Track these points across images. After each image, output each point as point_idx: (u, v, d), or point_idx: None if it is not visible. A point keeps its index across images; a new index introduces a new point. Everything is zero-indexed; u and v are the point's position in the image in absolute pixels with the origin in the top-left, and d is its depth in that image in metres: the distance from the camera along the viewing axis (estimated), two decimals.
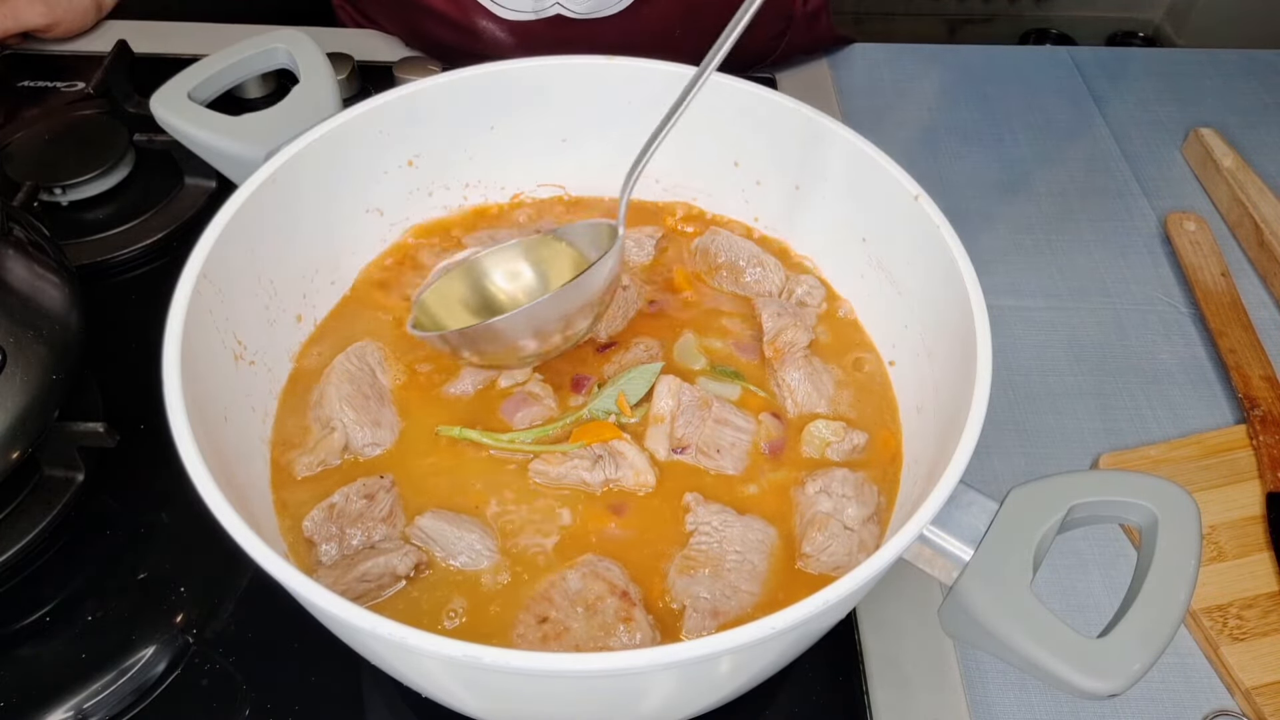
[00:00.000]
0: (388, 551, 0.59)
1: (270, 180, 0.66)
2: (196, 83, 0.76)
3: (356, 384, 0.67)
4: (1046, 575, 0.77)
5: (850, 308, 0.76)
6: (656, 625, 0.58)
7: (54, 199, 0.94)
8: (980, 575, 0.52)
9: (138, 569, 0.71)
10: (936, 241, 0.64)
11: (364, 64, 1.08)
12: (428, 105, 0.74)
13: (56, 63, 1.11)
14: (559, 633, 0.57)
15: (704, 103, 0.76)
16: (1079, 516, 0.54)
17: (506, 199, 0.82)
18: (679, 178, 0.82)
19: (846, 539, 0.61)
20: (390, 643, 0.45)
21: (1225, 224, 1.06)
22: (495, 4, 1.02)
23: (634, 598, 0.58)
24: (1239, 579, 0.76)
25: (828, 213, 0.75)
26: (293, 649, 0.67)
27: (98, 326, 0.74)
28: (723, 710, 0.58)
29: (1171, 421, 0.89)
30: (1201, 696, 0.72)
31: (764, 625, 0.45)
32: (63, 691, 0.64)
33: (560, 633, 0.57)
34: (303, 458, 0.65)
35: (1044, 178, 1.11)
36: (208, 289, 0.60)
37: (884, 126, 1.16)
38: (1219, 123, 1.15)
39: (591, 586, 0.58)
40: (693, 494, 0.64)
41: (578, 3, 1.01)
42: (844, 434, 0.67)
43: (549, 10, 1.02)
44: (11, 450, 0.65)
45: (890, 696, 0.67)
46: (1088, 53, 1.28)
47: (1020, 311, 0.98)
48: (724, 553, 0.60)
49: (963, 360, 0.59)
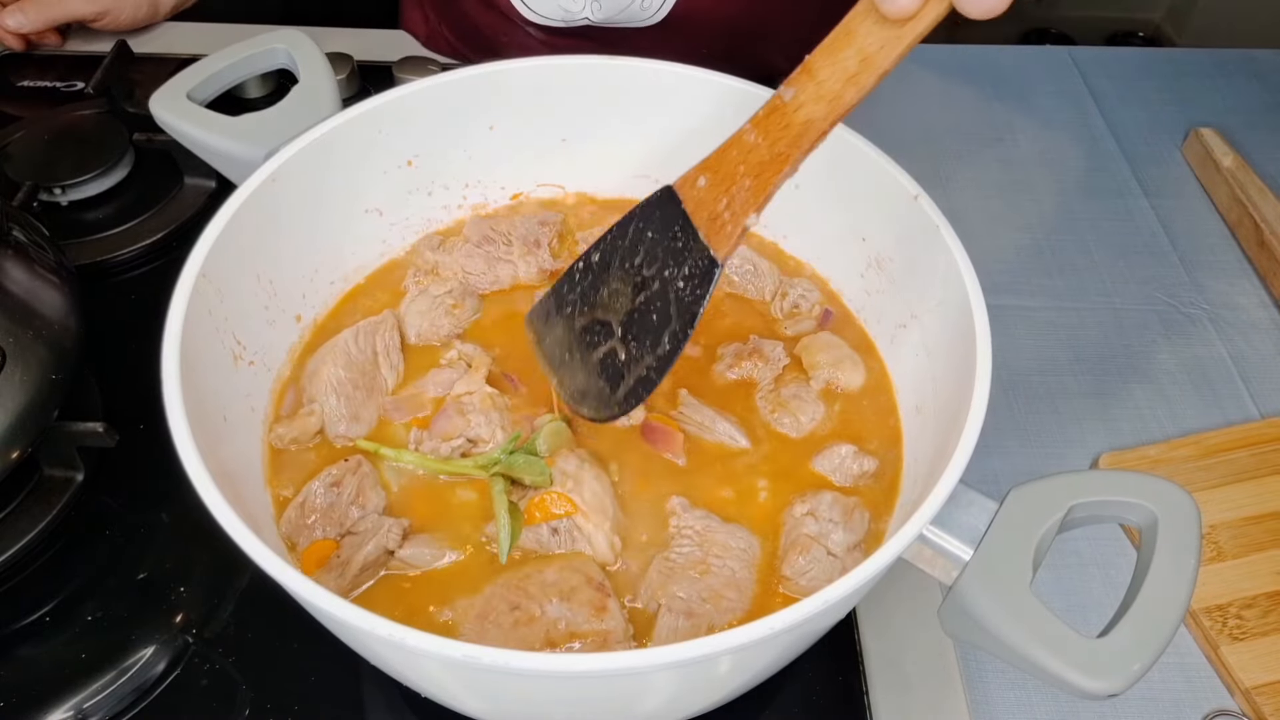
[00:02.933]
0: (373, 533, 0.59)
1: (270, 180, 0.66)
2: (196, 83, 0.76)
3: (351, 370, 0.67)
4: (1046, 575, 0.77)
5: (850, 308, 0.76)
6: (631, 619, 0.58)
7: (54, 199, 0.94)
8: (980, 575, 0.52)
9: (138, 569, 0.71)
10: (936, 241, 0.64)
11: (364, 64, 1.08)
12: (427, 105, 0.74)
13: (56, 63, 1.11)
14: (530, 619, 0.56)
15: (704, 103, 0.76)
16: (1079, 516, 0.54)
17: (506, 199, 0.82)
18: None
19: (829, 565, 0.60)
20: (390, 643, 0.45)
21: (1225, 224, 1.06)
22: (525, 6, 1.03)
23: (609, 590, 0.58)
24: (1239, 579, 0.76)
25: (828, 212, 0.75)
26: (293, 649, 0.67)
27: (98, 326, 0.74)
28: (723, 710, 0.58)
29: (1171, 421, 0.89)
30: (1201, 696, 0.72)
31: (764, 625, 0.45)
32: (63, 691, 0.64)
33: (530, 619, 0.56)
34: (279, 428, 0.65)
35: (1044, 178, 1.11)
36: (207, 289, 0.60)
37: (884, 126, 1.15)
38: (1219, 123, 1.15)
39: (568, 578, 0.58)
40: (678, 498, 0.63)
41: (598, 11, 1.01)
42: (855, 459, 0.65)
43: (578, 18, 1.02)
44: (11, 450, 0.65)
45: (890, 696, 0.67)
46: (1088, 53, 1.28)
47: (1020, 311, 0.98)
48: (705, 557, 0.60)
49: (963, 360, 0.59)
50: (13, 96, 1.07)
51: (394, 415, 0.68)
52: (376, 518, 0.61)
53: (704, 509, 0.63)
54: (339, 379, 0.66)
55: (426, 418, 0.67)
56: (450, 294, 0.73)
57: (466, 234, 0.78)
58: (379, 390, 0.68)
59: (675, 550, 0.61)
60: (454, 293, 0.73)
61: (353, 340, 0.68)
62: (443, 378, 0.69)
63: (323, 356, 0.68)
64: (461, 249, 0.76)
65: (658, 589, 0.59)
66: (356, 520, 0.61)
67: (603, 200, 0.83)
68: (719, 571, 0.60)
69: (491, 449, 0.64)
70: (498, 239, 0.77)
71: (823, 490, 0.64)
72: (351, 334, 0.69)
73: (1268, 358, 0.93)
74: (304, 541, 0.60)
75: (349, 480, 0.62)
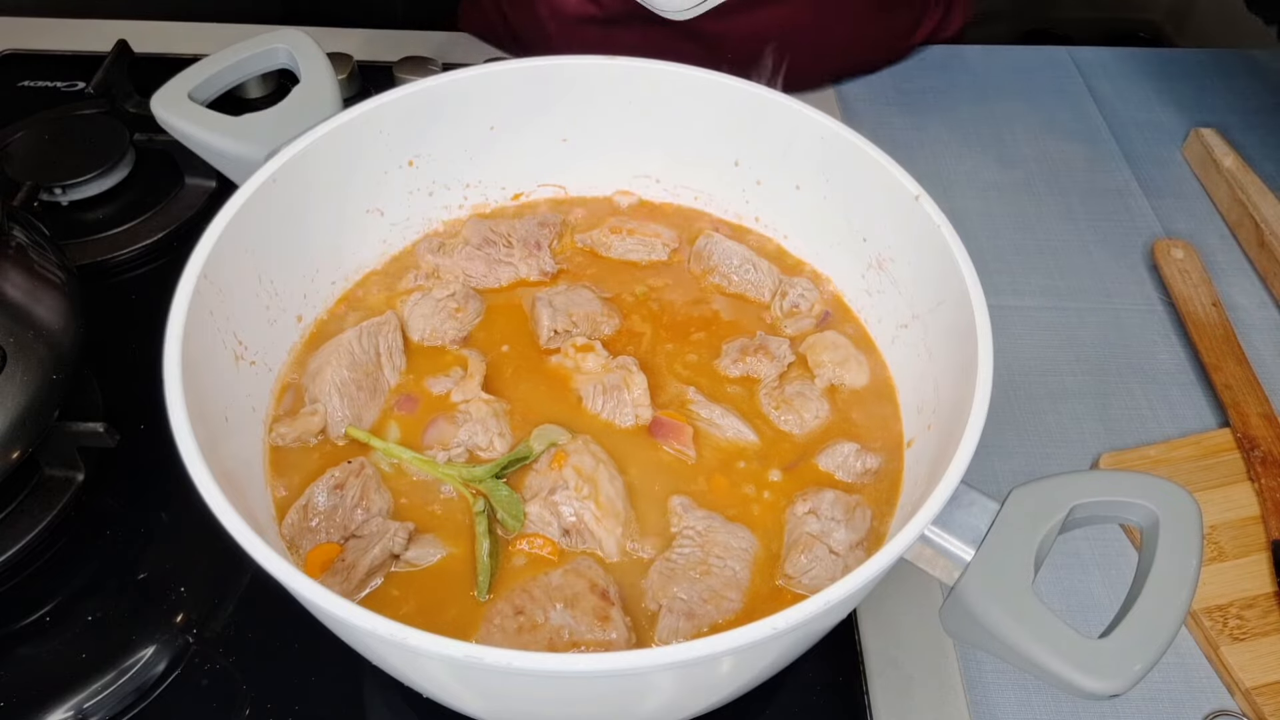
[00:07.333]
0: (378, 537, 0.59)
1: (271, 180, 0.66)
2: (197, 83, 0.76)
3: (355, 370, 0.67)
4: (1047, 575, 0.77)
5: (851, 308, 0.76)
6: (633, 626, 0.58)
7: (54, 199, 0.94)
8: (981, 575, 0.52)
9: (138, 569, 0.71)
10: (936, 241, 0.64)
11: (364, 64, 1.08)
12: (428, 105, 0.74)
13: (56, 63, 1.11)
14: (533, 625, 0.56)
15: (704, 103, 0.76)
16: (1080, 517, 0.54)
17: (506, 199, 0.82)
18: (679, 178, 0.82)
19: (831, 564, 0.60)
20: (390, 643, 0.45)
21: (1225, 224, 1.06)
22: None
23: (613, 597, 0.58)
24: (1239, 579, 0.76)
25: (828, 212, 0.75)
26: (293, 649, 0.67)
27: (98, 326, 0.74)
28: (723, 710, 0.58)
29: (1171, 421, 0.89)
30: (1201, 696, 0.72)
31: (764, 625, 0.45)
32: (63, 691, 0.64)
33: (534, 625, 0.56)
34: (281, 427, 0.65)
35: (1044, 178, 1.11)
36: (208, 289, 0.60)
37: (884, 126, 1.16)
38: (1219, 123, 1.15)
39: (572, 583, 0.58)
40: (679, 499, 0.63)
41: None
42: (858, 456, 0.65)
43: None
44: (11, 450, 0.65)
45: (890, 696, 0.67)
46: (1088, 53, 1.28)
47: (1020, 311, 0.98)
48: (706, 558, 0.60)
49: (963, 360, 0.59)
50: (13, 96, 1.07)
51: (395, 411, 0.68)
52: (381, 521, 0.61)
53: (705, 509, 0.63)
54: (342, 379, 0.66)
55: (419, 415, 0.67)
56: (453, 297, 0.73)
57: (466, 236, 0.78)
58: (381, 390, 0.68)
59: (676, 551, 0.61)
60: (456, 296, 0.73)
61: (356, 340, 0.68)
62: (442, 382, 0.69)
63: (325, 356, 0.68)
64: (462, 251, 0.76)
65: (658, 590, 0.59)
66: (361, 523, 0.61)
67: (603, 200, 0.83)
68: (720, 572, 0.60)
69: (490, 456, 0.65)
70: (498, 241, 0.77)
71: (825, 489, 0.64)
72: (355, 334, 0.69)
73: (1268, 358, 0.93)
74: (307, 544, 0.60)
75: (352, 483, 0.62)
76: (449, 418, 0.67)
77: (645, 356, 0.72)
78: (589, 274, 0.78)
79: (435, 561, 0.60)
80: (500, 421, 0.66)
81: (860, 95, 1.19)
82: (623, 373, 0.69)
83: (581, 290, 0.75)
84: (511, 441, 0.66)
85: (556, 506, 0.61)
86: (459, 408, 0.67)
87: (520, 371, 0.71)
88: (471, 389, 0.68)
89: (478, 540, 0.60)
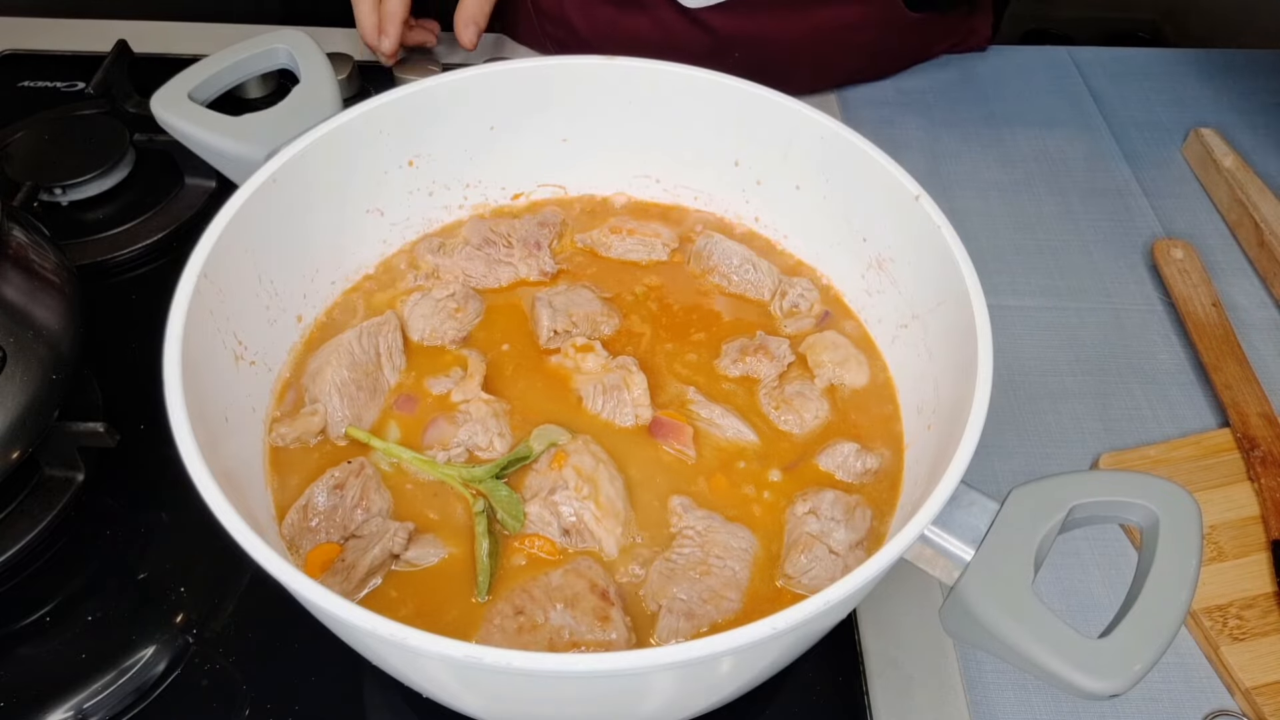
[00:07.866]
0: (378, 537, 0.59)
1: (271, 180, 0.66)
2: (197, 83, 0.76)
3: (355, 370, 0.67)
4: (1047, 575, 0.77)
5: (850, 308, 0.76)
6: (633, 627, 0.58)
7: (54, 199, 0.94)
8: (981, 575, 0.52)
9: (138, 569, 0.71)
10: (936, 241, 0.64)
11: (364, 64, 1.08)
12: (428, 105, 0.74)
13: (56, 63, 1.11)
14: (533, 625, 0.56)
15: (704, 103, 0.76)
16: (1080, 517, 0.54)
17: (506, 199, 0.82)
18: (679, 178, 0.82)
19: (831, 564, 0.60)
20: (390, 643, 0.45)
21: (1225, 224, 1.06)
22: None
23: (613, 598, 0.58)
24: (1239, 579, 0.76)
25: (828, 212, 0.75)
26: (293, 649, 0.67)
27: (98, 326, 0.74)
28: (723, 710, 0.58)
29: (1171, 421, 0.89)
30: (1201, 696, 0.72)
31: (764, 625, 0.45)
32: (63, 691, 0.64)
33: (534, 626, 0.56)
34: (281, 427, 0.65)
35: (1044, 177, 1.11)
36: (208, 289, 0.60)
37: (884, 126, 1.16)
38: (1219, 123, 1.15)
39: (572, 583, 0.58)
40: (679, 499, 0.63)
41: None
42: (858, 456, 0.65)
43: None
44: (11, 450, 0.65)
45: (890, 696, 0.67)
46: (1088, 53, 1.28)
47: (1020, 311, 0.98)
48: (705, 558, 0.60)
49: (963, 360, 0.59)
50: (13, 96, 1.07)
51: (395, 411, 0.68)
52: (381, 521, 0.61)
53: (705, 509, 0.63)
54: (342, 379, 0.66)
55: (419, 415, 0.67)
56: (452, 298, 0.73)
57: (466, 236, 0.78)
58: (381, 391, 0.68)
59: (676, 551, 0.61)
60: (456, 296, 0.73)
61: (356, 341, 0.68)
62: (442, 382, 0.69)
63: (325, 357, 0.68)
64: (462, 252, 0.76)
65: (658, 590, 0.59)
66: (361, 524, 0.61)
67: (603, 200, 0.83)
68: (719, 572, 0.60)
69: (490, 456, 0.65)
70: (498, 241, 0.77)
71: (825, 489, 0.64)
72: (355, 334, 0.69)
73: (1268, 358, 0.93)
74: (307, 545, 0.60)
75: (352, 483, 0.62)
76: (449, 418, 0.67)
77: (645, 356, 0.72)
78: (589, 274, 0.78)
79: (435, 562, 0.60)
80: (500, 421, 0.66)
81: (860, 95, 1.19)
82: (622, 373, 0.69)
83: (581, 290, 0.75)
84: (511, 441, 0.66)
85: (556, 506, 0.61)
86: (459, 408, 0.67)
87: (520, 371, 0.71)
88: (471, 389, 0.68)
89: (478, 540, 0.60)
